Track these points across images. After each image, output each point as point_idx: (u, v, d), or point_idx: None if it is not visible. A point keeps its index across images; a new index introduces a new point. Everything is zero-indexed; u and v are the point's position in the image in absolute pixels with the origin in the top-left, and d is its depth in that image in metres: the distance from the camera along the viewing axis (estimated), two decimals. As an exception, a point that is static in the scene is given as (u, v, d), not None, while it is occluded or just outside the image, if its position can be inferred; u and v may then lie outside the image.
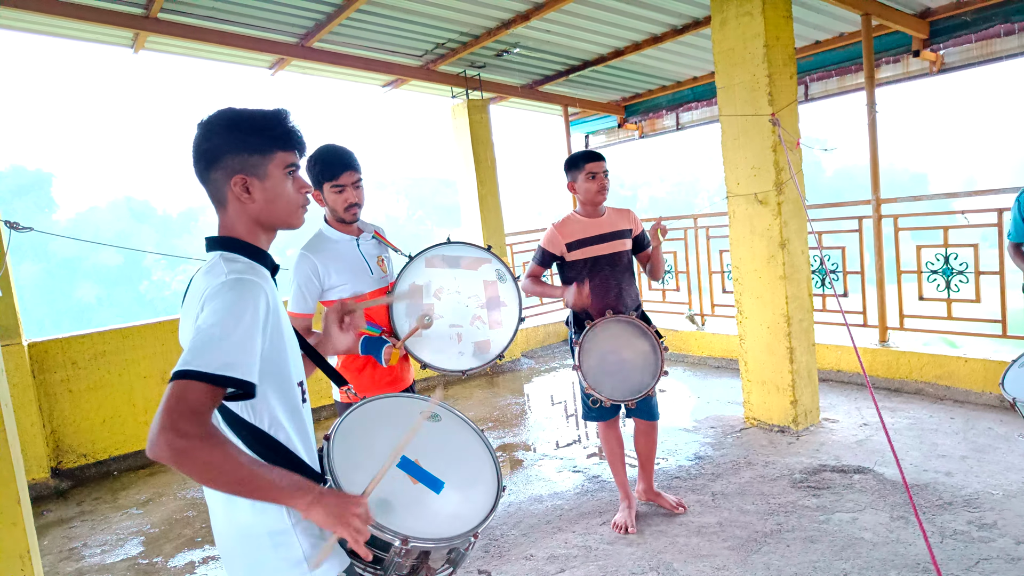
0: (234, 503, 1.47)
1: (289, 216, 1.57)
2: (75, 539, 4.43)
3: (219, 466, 1.26)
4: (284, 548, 1.47)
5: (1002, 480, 3.78)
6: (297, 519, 1.47)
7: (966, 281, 5.24)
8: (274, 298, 1.48)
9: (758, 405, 5.06)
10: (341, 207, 2.79)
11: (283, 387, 1.51)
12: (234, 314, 1.36)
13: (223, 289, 1.39)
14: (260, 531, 1.46)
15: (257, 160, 1.51)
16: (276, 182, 1.53)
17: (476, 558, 3.58)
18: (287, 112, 1.57)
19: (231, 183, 1.50)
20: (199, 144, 1.52)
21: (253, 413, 1.46)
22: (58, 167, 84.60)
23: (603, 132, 9.38)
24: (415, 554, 1.58)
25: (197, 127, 1.53)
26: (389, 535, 1.52)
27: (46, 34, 6.10)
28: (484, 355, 2.94)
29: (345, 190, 2.77)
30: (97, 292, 50.55)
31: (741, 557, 3.29)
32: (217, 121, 1.52)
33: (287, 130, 1.55)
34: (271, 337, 1.45)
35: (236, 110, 1.54)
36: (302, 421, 1.56)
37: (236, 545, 1.51)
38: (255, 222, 1.55)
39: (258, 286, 1.42)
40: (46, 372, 5.38)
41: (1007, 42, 5.50)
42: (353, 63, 6.92)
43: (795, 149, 4.69)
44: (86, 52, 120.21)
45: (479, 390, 6.93)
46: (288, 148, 1.55)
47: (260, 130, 1.51)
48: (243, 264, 1.49)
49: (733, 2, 4.68)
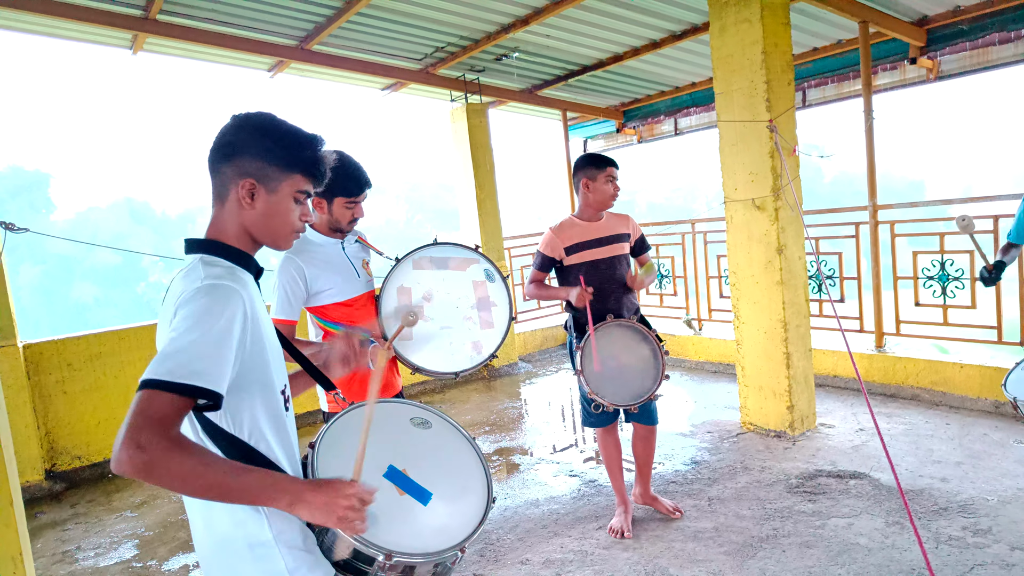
0: (212, 513, 1.43)
1: (278, 237, 1.55)
2: (68, 542, 4.41)
3: (188, 474, 1.21)
4: (264, 561, 1.43)
5: (997, 486, 3.79)
6: (279, 532, 1.43)
7: (962, 287, 5.24)
8: (253, 304, 1.44)
9: (755, 410, 5.06)
10: (346, 220, 2.83)
11: (265, 395, 1.47)
12: (205, 321, 1.31)
13: (197, 295, 1.35)
14: (240, 543, 1.43)
15: (274, 173, 1.49)
16: (282, 200, 1.51)
17: (471, 562, 3.58)
18: (322, 140, 1.55)
19: (240, 183, 1.48)
20: (225, 133, 1.50)
21: (232, 422, 1.42)
22: (56, 168, 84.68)
23: (601, 137, 9.40)
24: (399, 569, 1.52)
25: (231, 118, 1.52)
26: (373, 550, 1.47)
27: (45, 35, 6.10)
28: (476, 356, 2.93)
29: (356, 207, 2.82)
30: (94, 293, 50.48)
31: (737, 562, 3.29)
32: (254, 120, 1.51)
33: (315, 158, 1.53)
34: (251, 344, 1.41)
35: (277, 119, 1.53)
36: (284, 430, 1.52)
37: (216, 556, 1.47)
38: (245, 230, 1.52)
39: (235, 292, 1.38)
40: (41, 374, 5.37)
41: (1003, 50, 5.52)
42: (352, 66, 6.93)
43: (792, 155, 4.70)
44: (85, 53, 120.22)
45: (476, 394, 6.93)
46: (308, 175, 1.54)
47: (289, 146, 1.50)
48: (222, 269, 1.44)
49: (732, 9, 4.69)
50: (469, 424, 5.90)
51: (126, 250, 15.54)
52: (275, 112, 1.56)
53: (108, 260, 50.85)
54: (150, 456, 1.18)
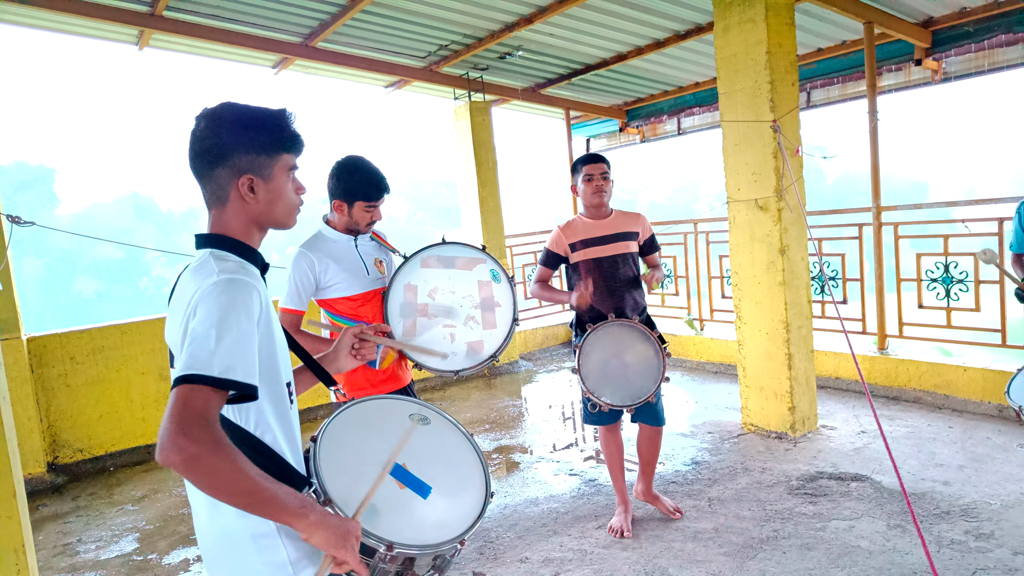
0: (217, 504, 1.43)
1: (286, 217, 1.57)
2: (70, 534, 4.42)
3: (226, 475, 1.23)
4: (268, 551, 1.44)
5: (1000, 490, 3.78)
6: (282, 523, 1.44)
7: (966, 290, 5.23)
8: (266, 297, 1.47)
9: (756, 411, 5.05)
10: (364, 223, 2.92)
11: (272, 387, 1.48)
12: (231, 316, 1.33)
13: (215, 290, 1.36)
14: (243, 534, 1.44)
15: (265, 161, 1.50)
16: (279, 183, 1.53)
17: (471, 560, 3.58)
18: (292, 113, 1.56)
19: (238, 182, 1.48)
20: (203, 139, 1.48)
21: (239, 414, 1.43)
22: (61, 163, 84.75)
23: (604, 136, 9.39)
24: (400, 560, 1.56)
25: (198, 120, 1.50)
26: (374, 540, 1.51)
27: (51, 30, 6.12)
28: (477, 356, 2.94)
29: (375, 210, 2.90)
30: (97, 287, 50.59)
31: (737, 563, 3.29)
32: (226, 117, 1.49)
33: (294, 132, 1.54)
34: (262, 336, 1.43)
35: (241, 106, 1.52)
36: (289, 423, 1.54)
37: (219, 547, 1.48)
38: (253, 222, 1.53)
39: (251, 285, 1.40)
40: (44, 367, 5.38)
41: (1009, 52, 5.50)
42: (357, 63, 6.93)
43: (795, 156, 4.69)
44: (90, 49, 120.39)
45: (477, 392, 6.93)
46: (293, 150, 1.54)
47: (270, 130, 1.50)
48: (234, 263, 1.46)
49: (736, 9, 4.69)
50: (469, 422, 5.90)
51: (129, 244, 15.56)
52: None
53: (111, 255, 50.93)
54: (199, 449, 1.20)
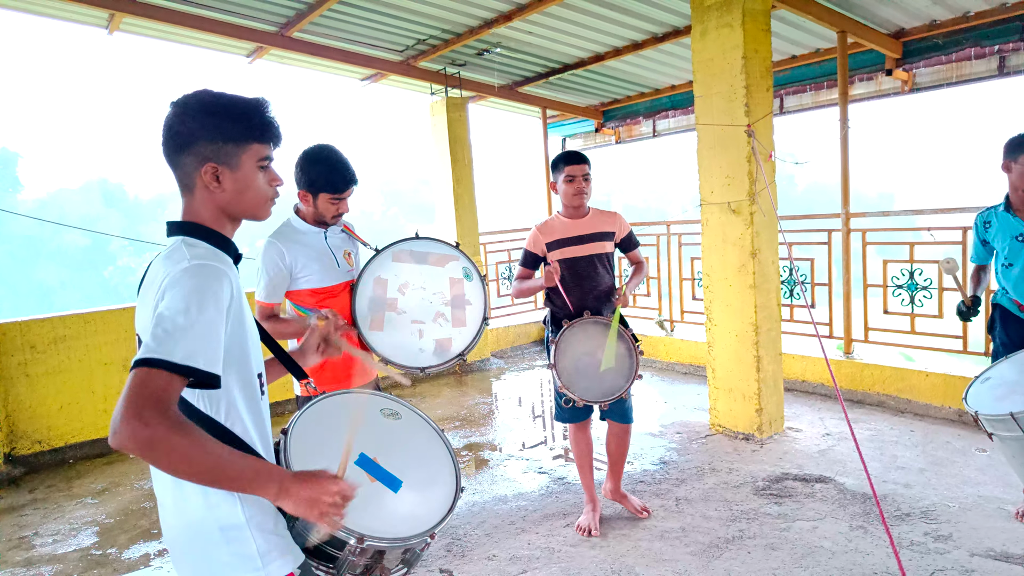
0: (184, 495, 1.42)
1: (257, 208, 1.54)
2: (26, 527, 4.31)
3: (186, 453, 1.22)
4: (237, 543, 1.43)
5: (958, 493, 3.86)
6: (251, 515, 1.44)
7: (930, 297, 5.34)
8: (237, 285, 1.45)
9: (724, 412, 5.10)
10: (330, 215, 2.85)
11: (243, 377, 1.47)
12: (198, 302, 1.32)
13: (185, 276, 1.34)
14: (211, 526, 1.42)
15: (231, 149, 1.47)
16: (247, 173, 1.50)
17: (438, 557, 3.56)
18: (267, 102, 1.53)
19: (201, 171, 1.46)
20: (172, 125, 1.46)
21: (210, 403, 1.42)
22: (26, 147, 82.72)
23: (580, 136, 9.42)
24: (370, 553, 1.56)
25: (171, 106, 1.48)
26: (344, 533, 1.50)
27: (17, 10, 5.94)
28: (445, 353, 2.92)
29: (341, 202, 2.83)
30: (60, 275, 49.45)
31: (703, 563, 3.32)
32: (194, 104, 1.47)
33: (265, 121, 1.51)
34: (233, 325, 1.41)
35: (214, 94, 1.49)
36: (260, 414, 1.53)
37: (186, 540, 1.46)
38: (222, 211, 1.51)
39: (221, 272, 1.39)
40: (3, 355, 5.24)
41: (977, 65, 5.62)
42: (333, 55, 6.86)
43: (769, 160, 4.74)
44: (59, 31, 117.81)
45: (447, 388, 6.91)
46: (264, 140, 1.51)
47: (237, 119, 1.47)
48: (205, 250, 1.44)
49: (714, 13, 4.72)
50: (439, 418, 5.88)
51: (95, 231, 15.17)
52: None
53: (76, 242, 49.84)
54: (153, 432, 1.19)
